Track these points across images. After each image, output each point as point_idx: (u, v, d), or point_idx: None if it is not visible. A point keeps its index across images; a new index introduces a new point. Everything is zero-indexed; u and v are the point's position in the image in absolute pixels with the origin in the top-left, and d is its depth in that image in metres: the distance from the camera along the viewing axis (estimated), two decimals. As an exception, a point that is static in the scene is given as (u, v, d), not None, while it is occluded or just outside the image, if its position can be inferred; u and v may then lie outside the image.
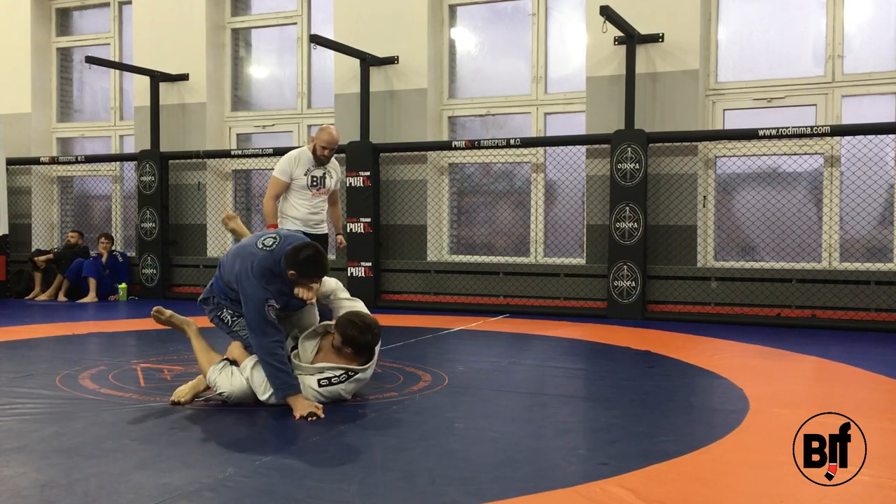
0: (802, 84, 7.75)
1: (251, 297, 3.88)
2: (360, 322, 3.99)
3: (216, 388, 3.98)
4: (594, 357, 5.92)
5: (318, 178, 5.62)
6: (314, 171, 5.60)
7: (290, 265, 3.88)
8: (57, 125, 11.14)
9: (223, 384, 3.96)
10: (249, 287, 3.88)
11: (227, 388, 3.96)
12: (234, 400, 3.97)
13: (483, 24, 9.12)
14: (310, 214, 5.60)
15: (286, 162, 5.60)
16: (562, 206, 8.62)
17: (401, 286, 8.86)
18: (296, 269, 3.87)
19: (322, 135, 5.56)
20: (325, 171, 5.66)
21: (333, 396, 3.99)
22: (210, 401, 4.10)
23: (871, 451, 2.93)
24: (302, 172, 5.57)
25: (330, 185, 5.68)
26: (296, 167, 5.57)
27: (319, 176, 5.63)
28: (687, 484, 2.87)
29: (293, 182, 5.56)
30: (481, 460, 3.15)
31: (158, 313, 4.47)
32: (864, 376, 4.97)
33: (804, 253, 7.65)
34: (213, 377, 4.00)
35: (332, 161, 5.72)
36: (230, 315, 4.15)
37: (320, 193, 5.64)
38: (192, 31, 9.87)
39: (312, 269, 3.90)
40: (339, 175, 5.83)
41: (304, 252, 3.88)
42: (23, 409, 3.92)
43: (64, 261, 9.82)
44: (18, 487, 2.79)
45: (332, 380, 3.97)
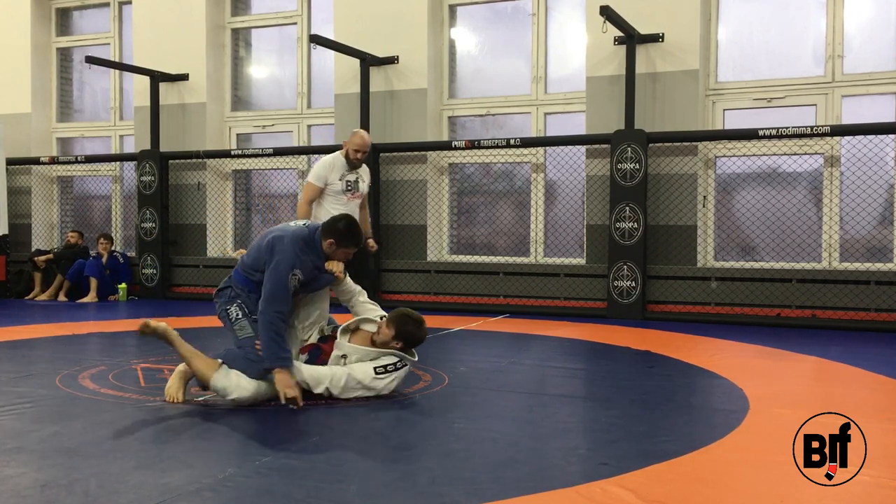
0: (802, 84, 7.75)
1: (281, 262, 3.98)
2: (416, 318, 4.18)
3: (226, 394, 3.95)
4: (594, 357, 5.92)
5: (351, 183, 5.65)
6: (348, 175, 5.63)
7: (327, 234, 4.09)
8: (57, 125, 11.14)
9: (233, 389, 3.94)
10: (282, 251, 4.00)
11: (238, 392, 3.94)
12: (244, 402, 3.96)
13: (483, 24, 9.12)
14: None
15: (321, 167, 5.60)
16: (562, 206, 8.62)
17: (401, 286, 8.85)
18: (334, 236, 4.08)
19: (354, 139, 5.56)
20: (358, 175, 5.68)
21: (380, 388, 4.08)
22: (209, 401, 4.10)
23: (871, 451, 2.93)
24: (337, 177, 5.57)
25: (363, 190, 5.68)
26: (331, 172, 5.58)
27: (353, 180, 5.65)
28: (687, 484, 2.87)
29: (327, 187, 5.56)
30: (481, 460, 3.15)
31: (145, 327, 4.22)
32: (864, 376, 4.97)
33: (804, 253, 7.65)
34: (220, 383, 3.96)
35: (363, 167, 5.75)
36: (237, 310, 4.16)
37: (354, 198, 5.66)
38: (192, 31, 9.87)
39: (350, 236, 4.11)
40: (369, 180, 5.85)
41: (342, 221, 4.15)
42: (23, 409, 3.92)
43: (64, 261, 9.82)
44: (18, 487, 2.79)
45: (388, 367, 4.10)
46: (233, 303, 4.19)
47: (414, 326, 4.15)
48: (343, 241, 4.11)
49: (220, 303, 4.25)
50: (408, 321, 4.14)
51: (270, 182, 10.14)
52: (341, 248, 4.13)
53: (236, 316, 4.17)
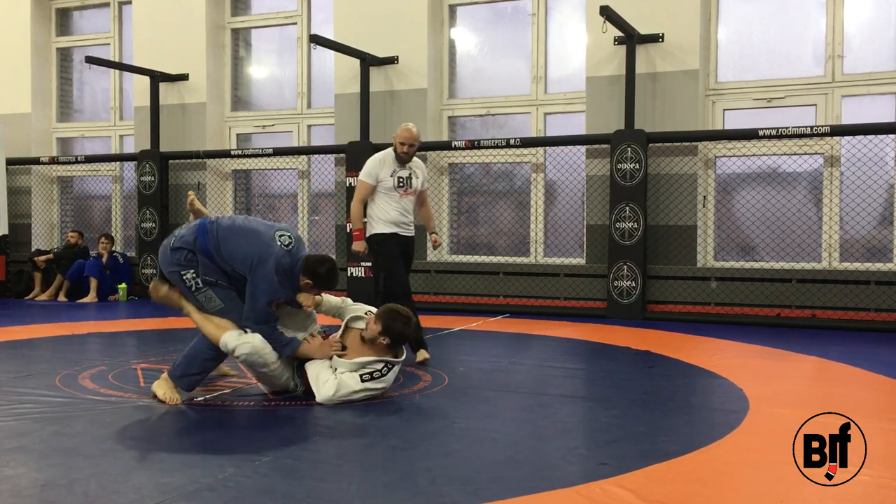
0: (802, 84, 7.75)
1: (265, 291, 3.98)
2: (404, 314, 4.16)
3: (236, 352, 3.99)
4: (594, 357, 5.92)
5: (404, 179, 5.44)
6: (400, 171, 5.43)
7: (307, 274, 4.05)
8: (57, 125, 11.14)
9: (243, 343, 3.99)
10: (266, 282, 3.98)
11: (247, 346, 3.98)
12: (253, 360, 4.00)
13: (483, 24, 9.12)
14: (399, 217, 5.41)
15: (371, 164, 5.45)
16: (562, 206, 8.62)
17: (401, 286, 8.84)
18: (313, 279, 4.06)
19: (401, 132, 5.41)
20: (411, 170, 5.48)
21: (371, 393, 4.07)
22: (209, 401, 4.10)
23: (871, 451, 2.93)
24: (388, 174, 5.41)
25: (416, 185, 5.50)
26: (381, 169, 5.41)
27: (405, 176, 5.45)
28: (687, 484, 2.87)
29: (380, 184, 5.40)
30: (481, 460, 3.15)
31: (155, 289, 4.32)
32: (864, 376, 4.97)
33: (804, 253, 7.65)
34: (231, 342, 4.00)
35: (415, 161, 5.55)
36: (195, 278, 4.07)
37: (407, 194, 5.46)
38: (192, 31, 9.87)
39: (327, 282, 4.11)
40: (425, 175, 5.65)
41: (326, 265, 4.09)
42: (23, 409, 3.92)
43: (64, 261, 9.82)
44: (18, 487, 2.79)
45: (374, 374, 4.08)
46: (188, 268, 4.08)
47: (401, 323, 4.12)
48: (319, 285, 4.11)
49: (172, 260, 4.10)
50: (396, 317, 4.12)
51: (270, 182, 10.14)
52: (314, 289, 4.16)
53: (196, 286, 4.07)
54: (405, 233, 5.46)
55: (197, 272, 4.08)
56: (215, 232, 4.10)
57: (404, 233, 5.44)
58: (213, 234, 4.09)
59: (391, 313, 4.14)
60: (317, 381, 4.06)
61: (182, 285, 4.14)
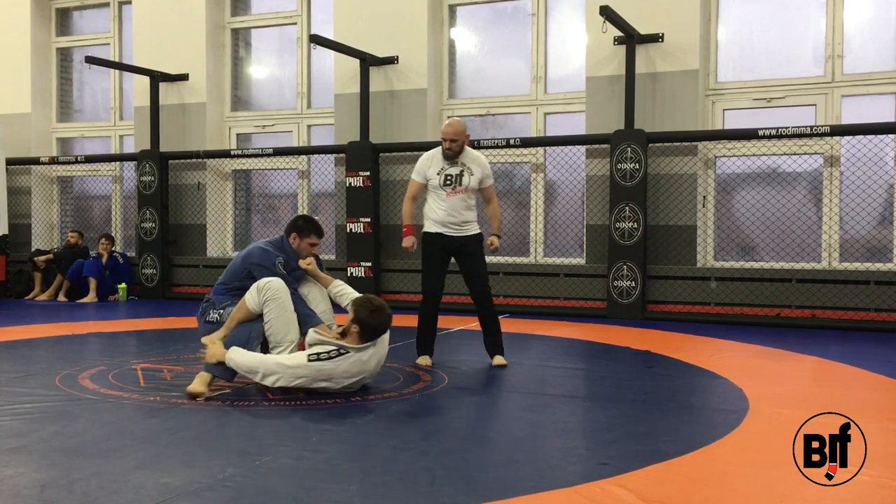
0: (802, 84, 7.75)
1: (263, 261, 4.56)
2: (377, 304, 4.23)
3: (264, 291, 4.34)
4: (594, 357, 5.92)
5: (452, 177, 5.19)
6: (448, 169, 5.19)
7: (288, 231, 4.70)
8: (57, 125, 11.14)
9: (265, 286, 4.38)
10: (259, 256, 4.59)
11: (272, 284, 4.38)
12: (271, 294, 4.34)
13: (483, 24, 9.12)
14: (447, 216, 5.21)
15: (420, 162, 5.32)
16: (562, 206, 8.62)
17: (401, 286, 8.85)
18: (294, 230, 4.68)
19: (444, 127, 5.21)
20: (463, 168, 5.20)
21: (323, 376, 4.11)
22: (209, 401, 4.10)
23: (871, 451, 2.93)
24: (435, 172, 5.21)
25: (468, 183, 5.18)
26: (429, 167, 5.25)
27: (455, 174, 5.19)
28: (687, 484, 2.87)
29: (429, 182, 5.25)
30: (481, 460, 3.15)
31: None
32: (864, 376, 4.97)
33: (804, 253, 7.65)
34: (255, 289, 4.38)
35: (472, 157, 5.25)
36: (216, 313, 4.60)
37: (456, 193, 5.19)
38: (192, 31, 9.87)
39: (306, 226, 4.69)
40: (484, 171, 5.27)
41: (300, 217, 4.78)
42: (23, 408, 3.92)
43: (64, 261, 9.82)
44: (18, 487, 2.79)
45: (322, 356, 4.11)
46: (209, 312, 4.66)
47: (369, 311, 4.16)
48: (301, 232, 4.68)
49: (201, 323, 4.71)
50: (367, 306, 4.20)
51: (270, 182, 10.14)
52: (304, 240, 4.68)
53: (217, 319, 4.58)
54: (453, 233, 5.23)
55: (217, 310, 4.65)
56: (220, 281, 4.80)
57: (451, 233, 5.23)
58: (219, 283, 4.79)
59: (364, 302, 4.24)
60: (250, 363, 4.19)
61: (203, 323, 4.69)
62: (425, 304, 5.34)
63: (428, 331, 5.31)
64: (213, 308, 4.64)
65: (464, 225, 5.25)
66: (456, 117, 5.30)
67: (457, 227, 5.24)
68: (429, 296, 5.30)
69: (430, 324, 5.32)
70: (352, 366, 4.19)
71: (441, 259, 5.31)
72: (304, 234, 4.70)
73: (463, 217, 5.23)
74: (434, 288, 5.32)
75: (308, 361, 4.11)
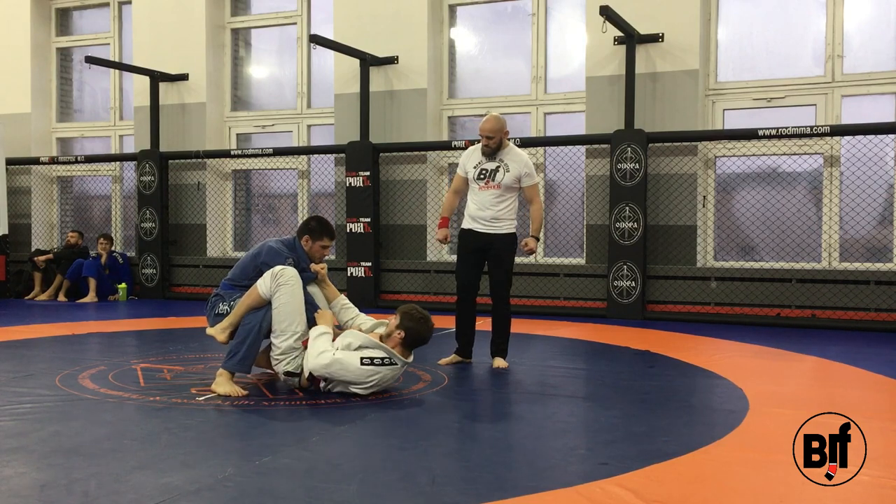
0: (802, 84, 7.75)
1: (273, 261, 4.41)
2: (424, 315, 4.33)
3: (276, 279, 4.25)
4: (594, 357, 5.92)
5: (486, 172, 5.13)
6: (485, 163, 5.14)
7: (301, 233, 4.59)
8: (57, 125, 11.14)
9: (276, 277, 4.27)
10: (270, 255, 4.47)
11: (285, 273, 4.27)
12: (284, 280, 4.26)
13: (483, 24, 9.12)
14: (477, 210, 5.17)
15: (463, 155, 5.32)
16: (562, 206, 8.62)
17: (401, 286, 8.85)
18: (306, 232, 4.56)
19: (481, 123, 5.15)
20: (500, 164, 5.12)
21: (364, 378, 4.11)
22: (210, 401, 4.10)
23: (871, 451, 2.93)
24: (472, 165, 5.19)
25: (502, 180, 5.09)
26: (468, 160, 5.23)
27: (490, 169, 5.12)
28: (687, 484, 2.87)
29: (468, 175, 5.22)
30: (481, 460, 3.15)
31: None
32: (864, 376, 4.97)
33: (804, 253, 7.65)
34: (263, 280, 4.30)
35: (513, 154, 5.16)
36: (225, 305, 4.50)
37: (489, 187, 5.12)
38: (192, 31, 9.87)
39: (319, 230, 4.57)
40: (523, 169, 5.13)
41: (313, 220, 4.64)
42: (23, 408, 3.92)
43: (64, 261, 9.82)
44: (18, 487, 2.79)
45: (375, 360, 4.15)
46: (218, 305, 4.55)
47: (418, 321, 4.26)
48: (314, 235, 4.57)
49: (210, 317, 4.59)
50: (415, 315, 4.28)
51: (270, 182, 10.14)
52: (316, 242, 4.57)
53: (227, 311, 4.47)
54: (481, 229, 5.17)
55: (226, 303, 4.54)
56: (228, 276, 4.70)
57: (481, 229, 5.17)
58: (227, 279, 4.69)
59: (412, 311, 4.31)
60: (313, 347, 4.15)
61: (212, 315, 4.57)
62: (458, 299, 5.36)
63: (461, 328, 5.31)
64: (222, 301, 4.55)
65: (493, 222, 5.16)
66: (494, 113, 5.22)
67: (486, 223, 5.16)
68: (459, 289, 5.32)
69: (463, 320, 5.32)
70: (393, 377, 4.24)
71: (472, 254, 5.25)
72: (317, 236, 4.57)
73: (492, 213, 5.15)
74: (464, 281, 5.28)
75: (361, 364, 4.10)
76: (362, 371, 4.09)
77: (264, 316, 4.29)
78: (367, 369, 4.09)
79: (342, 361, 4.09)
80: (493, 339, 5.33)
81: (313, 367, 4.10)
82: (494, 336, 5.32)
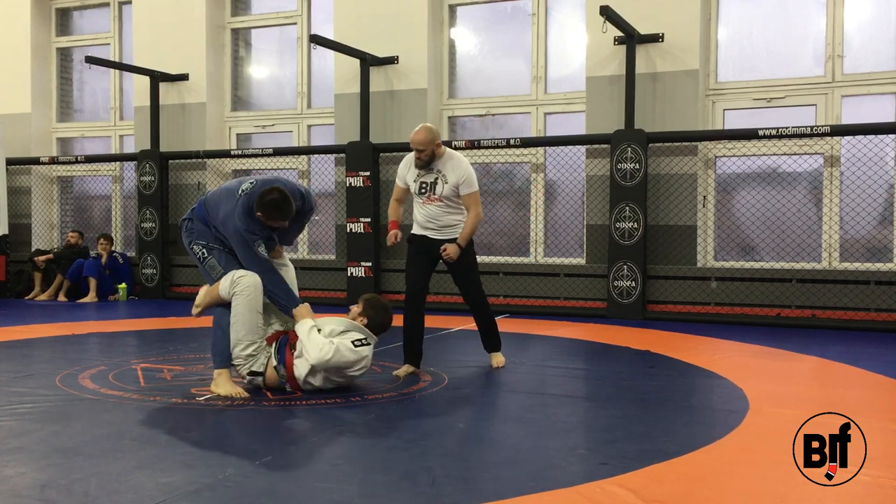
0: (802, 84, 7.75)
1: (240, 241, 4.27)
2: (384, 303, 4.55)
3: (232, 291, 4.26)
4: (594, 357, 5.92)
5: (426, 185, 5.01)
6: (424, 176, 5.01)
7: (257, 206, 4.23)
8: (57, 125, 11.14)
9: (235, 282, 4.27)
10: (235, 232, 4.27)
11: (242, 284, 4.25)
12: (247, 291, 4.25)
13: (483, 24, 9.12)
14: (426, 221, 5.07)
15: (400, 166, 5.15)
16: (562, 206, 8.62)
17: (401, 286, 8.82)
18: (261, 210, 4.22)
19: (412, 135, 5.01)
20: (438, 175, 4.99)
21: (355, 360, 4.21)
22: (210, 401, 4.10)
23: (871, 451, 2.92)
24: (412, 178, 5.05)
25: (442, 192, 4.96)
26: (406, 172, 5.11)
27: (429, 182, 5.00)
28: (687, 484, 2.87)
29: (409, 187, 5.10)
30: (481, 460, 3.15)
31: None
32: (864, 376, 4.97)
33: (804, 253, 7.65)
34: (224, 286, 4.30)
35: (450, 164, 5.02)
36: (202, 249, 4.42)
37: (431, 201, 5.00)
38: (192, 31, 9.87)
39: (272, 210, 4.21)
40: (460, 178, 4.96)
41: (272, 194, 4.21)
42: (23, 408, 3.92)
43: (64, 261, 9.82)
44: (18, 487, 2.79)
45: (364, 341, 4.30)
46: (196, 241, 4.43)
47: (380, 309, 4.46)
48: (268, 215, 4.23)
49: (185, 236, 4.50)
50: (376, 304, 4.49)
51: (270, 182, 10.12)
52: (270, 221, 4.28)
53: (202, 255, 4.41)
54: (435, 235, 5.07)
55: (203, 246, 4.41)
56: (206, 199, 4.53)
57: (434, 235, 5.07)
58: (205, 203, 4.50)
59: (374, 300, 4.52)
60: (309, 341, 4.18)
61: (196, 261, 4.48)
62: (406, 301, 5.11)
63: (410, 336, 5.01)
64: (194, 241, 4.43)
65: (445, 229, 5.05)
66: (427, 124, 5.07)
67: (437, 231, 5.06)
68: (409, 291, 5.11)
69: (412, 327, 5.03)
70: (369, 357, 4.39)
71: (423, 260, 5.14)
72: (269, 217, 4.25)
73: (443, 222, 5.04)
74: (415, 282, 5.11)
75: (354, 347, 4.23)
76: (356, 353, 4.23)
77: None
78: (359, 350, 4.25)
79: (340, 349, 4.19)
80: (483, 338, 5.26)
81: (318, 361, 4.14)
82: (484, 335, 5.26)
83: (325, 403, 4.04)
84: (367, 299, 4.53)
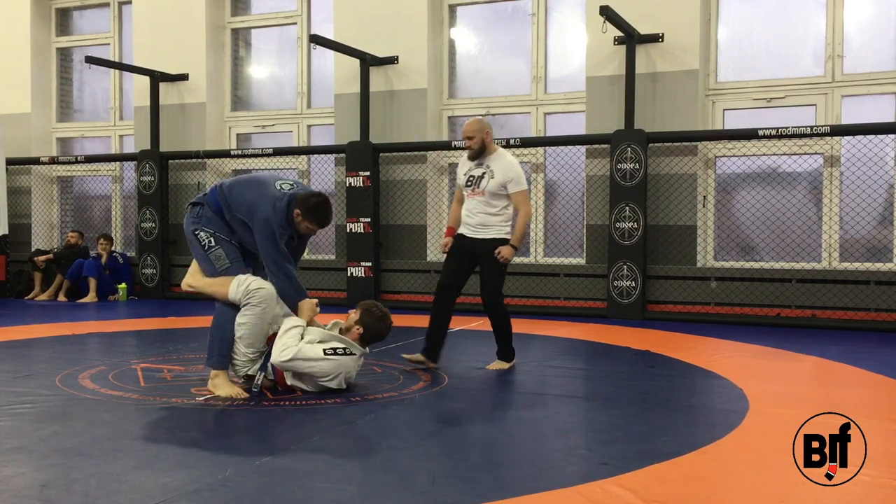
0: (802, 84, 7.75)
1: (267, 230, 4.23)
2: (382, 311, 4.43)
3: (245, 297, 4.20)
4: (594, 357, 5.92)
5: (473, 178, 5.00)
6: (473, 170, 5.01)
7: (298, 205, 4.26)
8: (57, 125, 11.14)
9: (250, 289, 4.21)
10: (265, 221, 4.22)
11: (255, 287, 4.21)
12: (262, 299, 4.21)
13: (483, 24, 9.12)
14: (466, 217, 5.08)
15: (459, 164, 5.20)
16: (562, 206, 8.62)
17: (401, 286, 8.85)
18: (301, 207, 4.26)
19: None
20: (486, 170, 4.97)
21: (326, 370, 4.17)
22: (209, 401, 4.10)
23: (871, 451, 2.93)
24: (463, 172, 5.08)
25: (486, 186, 4.94)
26: (462, 166, 5.12)
27: (477, 175, 4.98)
28: (687, 484, 2.87)
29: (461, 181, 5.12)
30: (481, 460, 3.15)
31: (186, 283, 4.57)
32: (864, 376, 4.97)
33: (804, 253, 7.65)
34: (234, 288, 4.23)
35: (501, 160, 4.99)
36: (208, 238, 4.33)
37: (475, 194, 4.99)
38: (192, 31, 9.87)
39: (315, 213, 4.28)
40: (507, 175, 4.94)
41: (315, 198, 4.32)
42: (22, 408, 3.92)
43: (64, 261, 9.82)
44: (18, 487, 2.79)
45: (338, 350, 4.23)
46: (203, 228, 4.35)
47: (376, 317, 4.37)
48: (307, 215, 4.28)
49: (192, 220, 4.39)
50: (373, 311, 4.40)
51: (270, 182, 10.12)
52: (305, 221, 4.30)
53: (208, 243, 4.33)
54: (470, 234, 5.07)
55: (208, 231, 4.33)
56: (223, 187, 4.41)
57: (469, 233, 5.07)
58: (222, 189, 4.39)
59: (372, 308, 4.43)
60: (279, 342, 4.18)
61: (197, 246, 4.36)
62: (434, 297, 5.23)
63: (430, 328, 5.15)
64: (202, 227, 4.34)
65: (479, 228, 5.04)
66: (478, 116, 5.14)
67: (473, 229, 5.06)
68: (438, 288, 5.19)
69: (432, 321, 5.17)
70: (354, 367, 4.35)
71: (457, 257, 5.14)
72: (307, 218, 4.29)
73: (478, 219, 5.03)
74: (443, 280, 5.16)
75: (325, 355, 4.18)
76: (326, 363, 4.17)
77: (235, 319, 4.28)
78: (331, 360, 4.18)
79: (305, 354, 4.14)
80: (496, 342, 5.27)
81: (276, 361, 4.16)
82: (496, 339, 5.27)
83: (325, 403, 4.04)
84: (366, 307, 4.43)
